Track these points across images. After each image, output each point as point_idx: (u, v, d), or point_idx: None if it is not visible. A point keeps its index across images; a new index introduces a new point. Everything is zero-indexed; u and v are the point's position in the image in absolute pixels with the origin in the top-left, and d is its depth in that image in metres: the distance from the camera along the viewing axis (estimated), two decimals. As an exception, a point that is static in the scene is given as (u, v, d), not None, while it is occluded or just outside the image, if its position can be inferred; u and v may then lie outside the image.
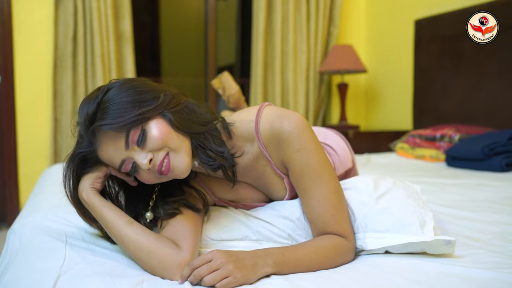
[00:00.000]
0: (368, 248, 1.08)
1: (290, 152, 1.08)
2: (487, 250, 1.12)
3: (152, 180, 1.02)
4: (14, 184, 3.33)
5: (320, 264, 1.01)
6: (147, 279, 0.93)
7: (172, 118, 1.02)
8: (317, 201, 1.08)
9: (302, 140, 1.07)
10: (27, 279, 0.91)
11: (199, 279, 0.89)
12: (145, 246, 0.98)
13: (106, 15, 3.35)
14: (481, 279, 0.90)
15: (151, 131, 0.99)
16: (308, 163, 1.08)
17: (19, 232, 1.22)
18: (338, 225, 1.07)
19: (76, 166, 1.04)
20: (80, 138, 1.02)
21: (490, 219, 1.43)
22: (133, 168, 1.01)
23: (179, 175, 1.02)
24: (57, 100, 3.33)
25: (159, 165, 0.99)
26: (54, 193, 1.71)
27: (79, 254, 1.04)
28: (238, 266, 0.90)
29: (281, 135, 1.08)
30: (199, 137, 1.05)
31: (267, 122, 1.09)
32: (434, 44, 3.49)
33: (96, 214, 1.05)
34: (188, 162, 1.02)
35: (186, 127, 1.04)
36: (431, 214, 1.15)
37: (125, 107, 0.98)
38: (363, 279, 0.92)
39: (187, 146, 1.03)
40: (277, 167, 1.14)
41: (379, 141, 3.57)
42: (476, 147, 2.40)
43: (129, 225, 1.02)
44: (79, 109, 1.02)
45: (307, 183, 1.08)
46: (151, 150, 0.99)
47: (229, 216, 1.19)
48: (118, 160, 1.00)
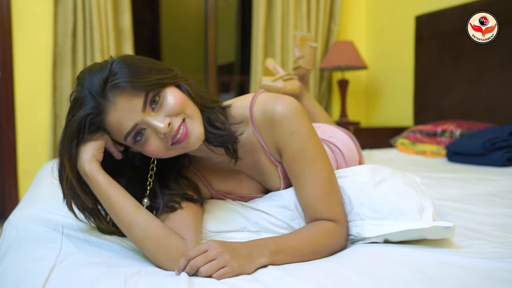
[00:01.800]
0: (367, 236, 1.07)
1: (284, 136, 1.07)
2: (488, 241, 1.11)
3: (159, 151, 0.99)
4: (13, 180, 3.33)
5: (313, 248, 1.00)
6: (143, 269, 0.92)
7: (188, 88, 1.03)
8: (309, 186, 1.07)
9: (296, 123, 1.07)
10: (23, 268, 0.89)
11: (195, 270, 0.88)
12: (153, 235, 0.97)
13: (106, 10, 3.34)
14: (483, 268, 0.89)
15: (169, 96, 0.98)
16: (301, 147, 1.07)
17: (16, 224, 1.22)
18: (329, 210, 1.07)
19: (77, 131, 0.97)
20: (84, 102, 0.96)
21: (491, 212, 1.42)
22: (142, 136, 0.98)
23: (193, 143, 1.00)
24: (57, 96, 3.32)
25: (176, 130, 0.97)
26: (52, 186, 1.71)
27: (76, 244, 1.03)
28: (235, 256, 0.89)
29: (274, 117, 1.07)
30: (209, 111, 1.06)
31: (261, 105, 1.10)
32: (434, 40, 3.48)
33: (99, 192, 1.00)
34: (202, 131, 1.01)
35: (199, 99, 1.05)
36: (430, 201, 1.13)
37: (142, 71, 0.97)
38: (362, 269, 0.91)
39: (200, 117, 1.03)
40: (270, 153, 1.13)
41: (379, 137, 3.56)
42: (477, 142, 2.39)
43: (137, 210, 0.99)
44: (81, 77, 0.99)
45: (300, 169, 1.08)
46: (168, 115, 0.97)
47: (227, 208, 1.18)
48: (130, 124, 0.96)
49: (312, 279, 0.85)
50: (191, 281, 0.84)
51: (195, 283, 0.84)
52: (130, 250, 1.06)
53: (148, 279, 0.85)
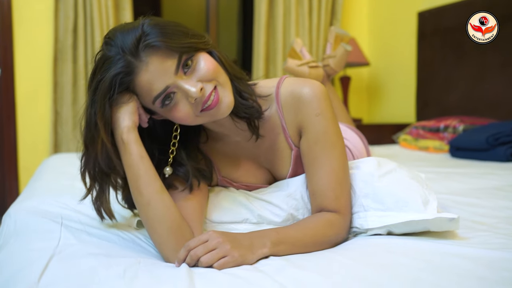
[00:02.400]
0: (370, 227, 1.06)
1: (310, 115, 1.07)
2: (493, 233, 1.09)
3: (187, 117, 0.97)
4: (14, 176, 3.31)
5: (314, 239, 0.99)
6: (143, 261, 0.90)
7: (220, 56, 1.02)
8: (324, 171, 1.07)
9: (322, 105, 1.07)
10: (20, 258, 0.88)
11: (196, 260, 0.86)
12: (168, 221, 0.95)
13: (107, 6, 3.33)
14: (488, 258, 0.87)
15: (202, 61, 0.97)
16: (325, 130, 1.07)
17: (15, 216, 1.20)
18: (336, 199, 1.06)
19: (108, 91, 0.93)
20: (113, 61, 0.93)
21: (495, 205, 1.41)
22: (171, 100, 0.96)
23: (222, 111, 0.98)
24: (57, 93, 3.31)
25: (207, 97, 0.95)
26: (52, 180, 1.70)
27: (75, 235, 1.02)
28: (236, 246, 0.88)
29: (302, 97, 1.08)
30: (239, 82, 1.05)
31: (288, 85, 1.10)
32: (437, 36, 3.46)
33: (129, 163, 0.97)
34: (233, 100, 1.00)
35: (230, 68, 1.04)
36: (434, 195, 1.12)
37: (176, 32, 0.95)
38: (365, 259, 0.89)
39: (230, 85, 1.01)
40: (290, 135, 1.12)
41: (382, 133, 3.54)
42: (481, 137, 2.38)
43: (161, 192, 0.97)
44: (111, 35, 0.95)
45: (319, 151, 1.07)
46: (200, 80, 0.96)
47: (231, 198, 1.16)
48: (161, 86, 0.94)
49: (315, 269, 0.84)
50: (191, 272, 0.83)
51: (196, 273, 0.82)
52: (130, 242, 1.05)
53: (148, 269, 0.84)
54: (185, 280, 0.77)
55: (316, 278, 0.79)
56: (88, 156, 1.00)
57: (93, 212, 1.23)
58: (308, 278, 0.79)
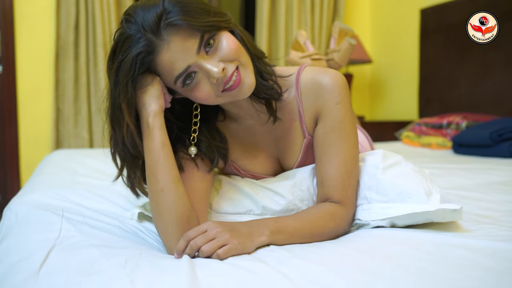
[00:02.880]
0: (373, 219, 1.05)
1: (330, 103, 1.07)
2: (497, 225, 1.08)
3: (208, 97, 0.96)
4: (16, 173, 3.31)
5: (314, 230, 0.98)
6: (145, 251, 0.89)
7: (242, 36, 1.00)
8: (336, 161, 1.06)
9: (342, 94, 1.07)
10: (21, 249, 0.88)
11: (196, 250, 0.86)
12: (179, 212, 0.94)
13: (108, 3, 3.33)
14: (492, 249, 0.87)
15: (224, 41, 0.95)
16: (342, 119, 1.06)
17: (15, 209, 1.20)
18: (344, 190, 1.05)
19: (130, 71, 0.91)
20: (134, 40, 0.91)
21: (499, 199, 1.40)
22: (192, 79, 0.94)
23: (244, 92, 0.97)
24: (59, 90, 3.31)
25: (229, 77, 0.94)
26: (53, 175, 1.69)
27: (76, 227, 1.01)
28: (235, 235, 0.88)
29: (324, 84, 1.07)
30: (259, 62, 1.03)
31: (310, 72, 1.09)
32: (439, 33, 3.45)
33: (150, 147, 0.96)
34: (254, 81, 0.98)
35: (251, 47, 1.02)
36: (438, 188, 1.11)
37: (197, 11, 0.92)
38: (369, 250, 0.89)
39: (252, 66, 0.99)
40: (305, 122, 1.11)
41: (384, 131, 3.53)
42: (484, 133, 2.37)
43: (177, 182, 0.96)
44: (131, 13, 0.93)
45: (333, 140, 1.07)
46: (222, 60, 0.94)
47: (236, 188, 1.16)
48: (183, 65, 0.92)
49: (318, 260, 0.83)
50: (193, 262, 0.82)
51: (197, 264, 0.81)
52: (132, 234, 1.05)
53: (149, 260, 0.83)
54: (187, 271, 0.76)
55: (319, 269, 0.78)
56: (116, 138, 1.00)
57: (95, 205, 1.24)
58: (311, 269, 0.78)
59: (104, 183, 1.53)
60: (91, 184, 1.52)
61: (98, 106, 3.32)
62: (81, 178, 1.63)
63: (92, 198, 1.31)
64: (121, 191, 1.38)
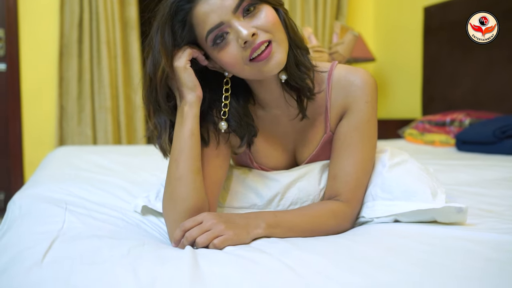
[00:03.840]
0: (377, 216, 1.05)
1: (360, 100, 1.07)
2: (500, 219, 1.08)
3: (235, 61, 0.95)
4: (19, 171, 3.32)
5: (314, 226, 0.99)
6: (147, 242, 0.90)
7: (285, 17, 1.00)
8: (354, 159, 1.06)
9: (373, 94, 1.07)
10: (25, 239, 0.88)
11: (191, 241, 0.87)
12: (192, 202, 0.95)
13: (112, 1, 3.33)
14: (495, 241, 0.87)
15: (264, 12, 0.95)
16: (368, 118, 1.07)
17: (19, 202, 1.20)
18: (355, 188, 1.06)
19: (168, 17, 0.95)
20: None
21: (502, 194, 1.40)
22: (223, 40, 0.94)
23: (272, 66, 0.95)
24: (63, 87, 3.32)
25: (258, 44, 0.93)
26: (57, 170, 1.70)
27: (79, 219, 1.02)
28: (230, 226, 0.89)
29: (357, 81, 1.07)
30: (298, 50, 1.03)
31: (343, 69, 1.09)
32: (443, 31, 3.44)
33: (179, 134, 0.98)
34: (284, 61, 0.97)
35: (292, 33, 1.01)
36: (443, 188, 1.11)
37: None
38: (373, 244, 0.89)
39: (287, 47, 0.98)
40: (330, 117, 1.10)
41: (387, 129, 3.52)
42: (487, 130, 2.36)
43: (197, 172, 0.97)
44: None
45: (355, 139, 1.07)
46: (256, 27, 0.93)
47: (241, 181, 1.15)
48: (217, 20, 0.92)
49: (320, 251, 0.83)
50: (195, 252, 0.82)
51: (199, 254, 0.82)
52: (135, 227, 1.05)
53: (152, 250, 0.84)
54: (189, 260, 0.77)
55: (321, 260, 0.78)
56: (151, 89, 1.00)
57: (98, 198, 1.24)
58: (313, 260, 0.78)
59: (107, 178, 1.53)
60: (94, 179, 1.53)
61: (102, 104, 3.33)
62: (84, 173, 1.64)
63: (95, 192, 1.31)
64: (124, 185, 1.39)
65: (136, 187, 1.42)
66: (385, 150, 1.19)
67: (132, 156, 2.10)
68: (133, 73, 3.47)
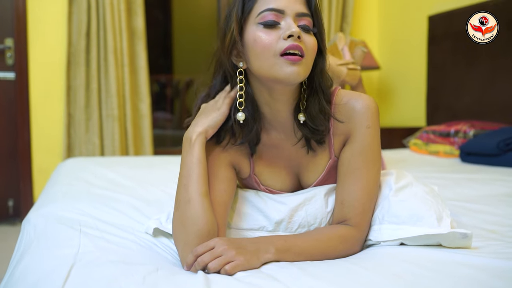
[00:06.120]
0: (384, 239, 1.07)
1: (361, 126, 1.09)
2: (504, 242, 1.10)
3: (270, 47, 1.00)
4: (28, 178, 3.36)
5: (323, 251, 1.01)
6: (161, 268, 0.92)
7: (322, 64, 1.10)
8: (360, 184, 1.08)
9: (374, 119, 1.09)
10: (42, 266, 0.90)
11: (203, 266, 0.90)
12: (201, 224, 0.98)
13: (119, 11, 3.36)
14: (500, 268, 0.89)
15: (313, 39, 1.04)
16: (371, 143, 1.09)
17: (34, 222, 1.23)
18: (363, 213, 1.08)
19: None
20: None
21: (506, 213, 1.42)
22: (272, 26, 1.00)
23: (293, 74, 0.99)
24: (71, 96, 3.35)
25: (295, 46, 0.98)
26: (68, 185, 1.73)
27: (93, 242, 1.04)
28: (241, 252, 0.91)
29: (357, 107, 1.09)
30: (322, 96, 1.10)
31: (344, 96, 1.12)
32: (447, 40, 3.45)
33: (186, 161, 1.04)
34: (306, 75, 1.03)
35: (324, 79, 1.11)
36: (449, 212, 1.13)
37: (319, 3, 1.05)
38: (378, 268, 0.91)
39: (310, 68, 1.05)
40: (333, 144, 1.13)
41: (392, 137, 3.53)
42: (491, 142, 2.37)
43: (205, 195, 1.01)
44: None
45: (360, 164, 1.09)
46: (301, 39, 1.00)
47: (249, 203, 1.17)
48: (282, 6, 1.00)
49: (330, 278, 0.85)
50: (208, 279, 0.85)
51: (213, 281, 0.84)
52: (148, 249, 1.08)
53: (166, 277, 0.86)
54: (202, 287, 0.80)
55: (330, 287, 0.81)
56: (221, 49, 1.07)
57: (110, 218, 1.27)
58: (322, 287, 0.81)
59: (118, 196, 1.56)
60: (105, 196, 1.55)
61: (109, 112, 3.37)
62: (95, 190, 1.66)
63: (107, 211, 1.34)
64: (135, 203, 1.42)
65: (147, 206, 1.44)
66: (390, 172, 1.21)
67: (140, 168, 2.13)
68: (140, 82, 3.49)
